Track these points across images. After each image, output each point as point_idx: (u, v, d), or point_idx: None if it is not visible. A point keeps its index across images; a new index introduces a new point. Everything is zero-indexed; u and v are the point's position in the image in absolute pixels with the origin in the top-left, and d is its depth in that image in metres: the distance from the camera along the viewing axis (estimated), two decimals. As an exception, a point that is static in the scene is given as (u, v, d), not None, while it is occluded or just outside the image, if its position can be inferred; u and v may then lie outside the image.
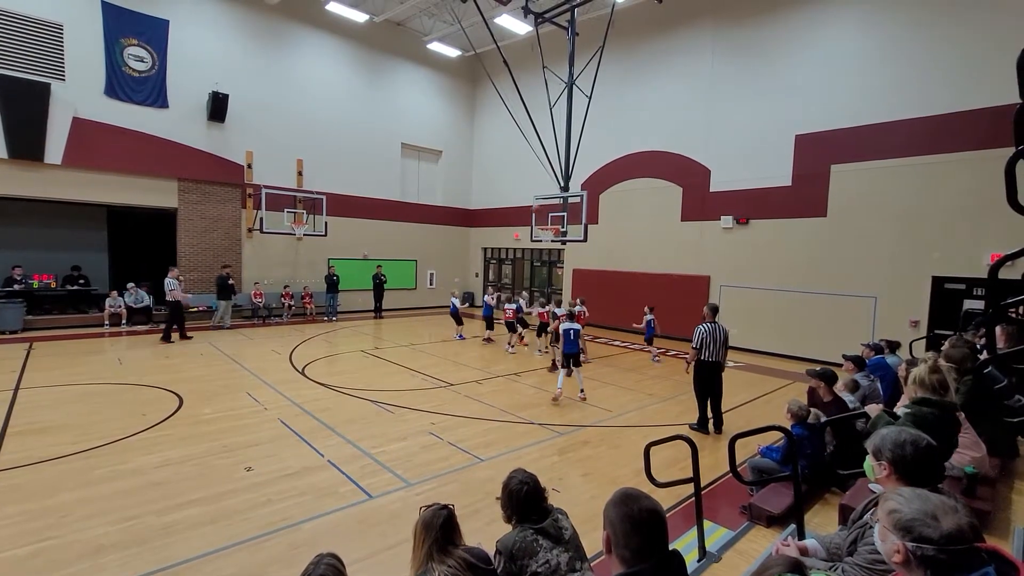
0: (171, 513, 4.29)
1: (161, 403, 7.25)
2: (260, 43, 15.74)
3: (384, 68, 18.71)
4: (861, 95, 11.15)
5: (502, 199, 20.35)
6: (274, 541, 3.95)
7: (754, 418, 7.33)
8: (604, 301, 16.32)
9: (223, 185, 15.28)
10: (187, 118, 14.42)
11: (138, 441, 5.85)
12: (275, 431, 6.34)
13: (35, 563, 3.57)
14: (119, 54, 13.24)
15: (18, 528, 4.00)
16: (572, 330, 8.30)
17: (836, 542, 2.56)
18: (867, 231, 11.08)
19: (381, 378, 9.24)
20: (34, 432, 6.02)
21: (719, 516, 4.51)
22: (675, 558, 1.57)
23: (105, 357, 10.26)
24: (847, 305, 11.35)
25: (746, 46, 13.11)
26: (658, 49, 15.06)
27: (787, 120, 12.25)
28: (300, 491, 4.77)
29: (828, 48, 11.68)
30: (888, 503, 1.59)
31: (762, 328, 12.80)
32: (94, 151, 12.97)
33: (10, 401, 7.11)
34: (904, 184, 10.60)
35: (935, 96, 10.23)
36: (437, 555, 2.12)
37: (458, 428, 6.69)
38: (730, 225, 13.35)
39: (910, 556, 1.47)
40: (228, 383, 8.49)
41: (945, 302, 10.14)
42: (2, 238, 13.51)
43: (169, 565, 3.60)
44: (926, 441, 2.15)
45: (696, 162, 14.11)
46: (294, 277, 16.78)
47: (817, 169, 11.76)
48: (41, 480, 4.83)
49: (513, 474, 2.60)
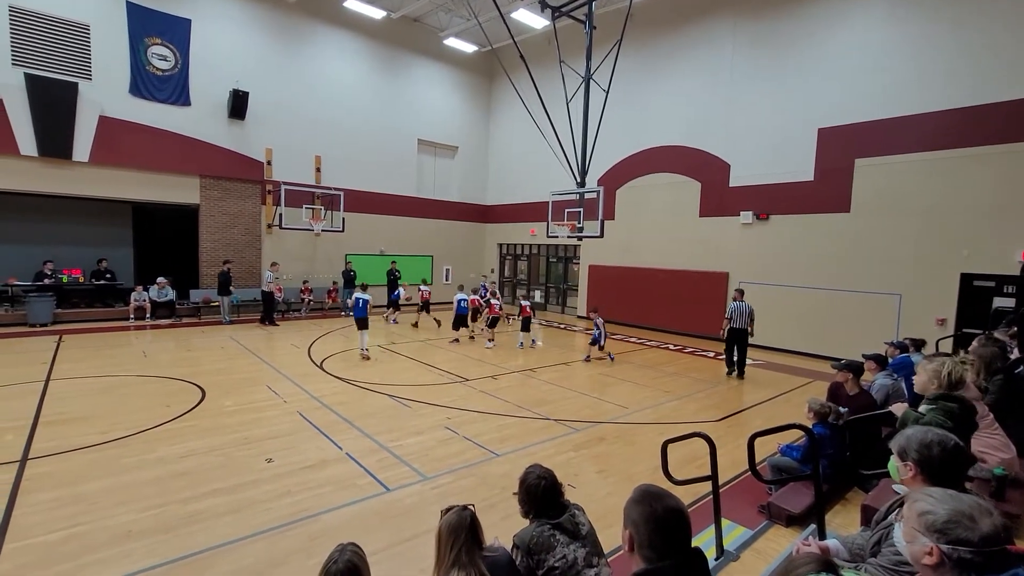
0: (195, 502, 4.39)
1: (184, 395, 7.42)
2: (279, 41, 15.93)
3: (401, 64, 18.78)
4: (886, 87, 10.86)
5: (518, 195, 20.32)
6: (294, 531, 4.02)
7: (774, 416, 7.23)
8: (620, 298, 16.23)
9: (243, 182, 15.53)
10: (208, 116, 14.67)
11: (163, 432, 6.01)
12: (294, 424, 6.44)
13: (68, 548, 3.69)
14: (143, 53, 13.52)
15: (51, 514, 4.14)
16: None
17: (859, 543, 2.52)
18: (892, 227, 10.81)
19: (397, 373, 9.32)
20: (64, 422, 6.22)
21: (737, 515, 4.46)
22: (697, 556, 1.56)
23: (130, 350, 10.52)
24: (871, 303, 11.10)
25: (767, 38, 12.85)
26: (677, 42, 14.84)
27: (809, 113, 11.99)
28: (319, 483, 4.85)
29: (852, 39, 11.39)
30: (918, 504, 1.54)
31: (782, 326, 12.59)
32: (119, 149, 13.28)
33: (41, 392, 7.34)
34: (931, 178, 10.31)
35: (963, 88, 9.90)
36: (466, 558, 2.10)
37: (474, 423, 6.73)
38: (750, 221, 13.15)
39: (945, 559, 1.42)
40: (248, 376, 8.66)
41: (974, 300, 9.86)
42: (34, 233, 13.96)
43: (194, 552, 3.69)
44: (953, 442, 2.10)
45: (715, 156, 13.90)
46: (312, 272, 17.01)
47: (841, 163, 11.50)
48: (71, 468, 4.98)
49: (530, 469, 2.61)
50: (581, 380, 9.39)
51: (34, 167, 12.36)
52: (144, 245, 15.81)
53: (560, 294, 19.77)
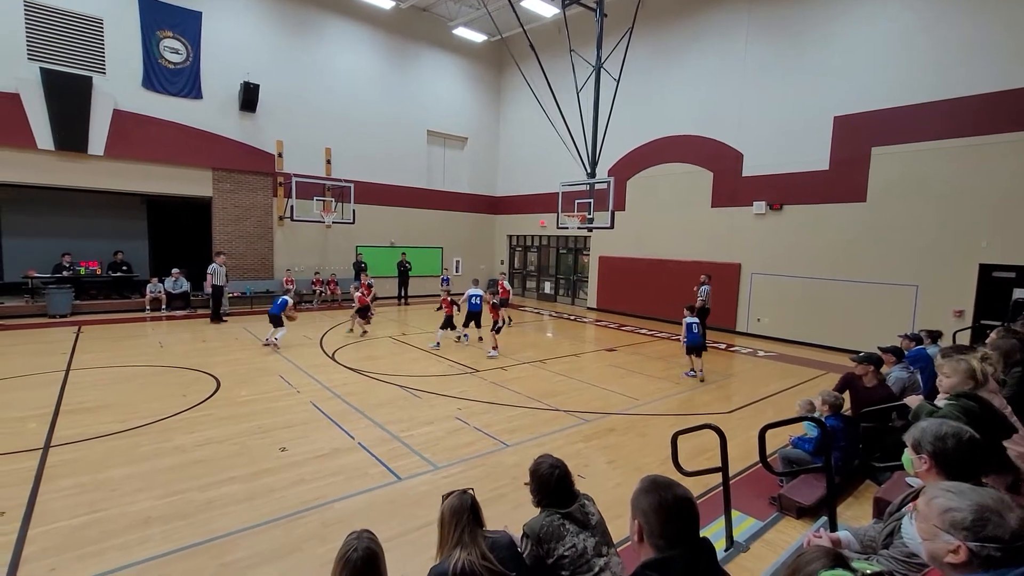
0: (212, 489, 4.49)
1: (200, 385, 7.55)
2: (289, 33, 15.94)
3: (410, 55, 18.71)
4: (904, 74, 10.60)
5: (528, 186, 20.23)
6: (308, 518, 4.09)
7: (785, 408, 7.18)
8: (631, 289, 16.16)
9: (255, 174, 15.63)
10: (220, 108, 14.76)
11: (179, 421, 6.12)
12: (307, 413, 6.53)
13: (89, 533, 3.80)
14: (155, 46, 13.60)
15: (73, 500, 4.25)
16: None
17: (871, 534, 2.50)
18: (909, 217, 10.61)
19: (408, 363, 9.39)
20: (84, 411, 6.36)
21: (747, 506, 4.45)
22: (706, 546, 1.56)
23: (147, 340, 10.71)
24: (887, 294, 10.93)
25: (782, 25, 12.58)
26: (689, 30, 14.60)
27: (825, 101, 11.75)
28: (332, 471, 4.92)
29: (869, 25, 11.12)
30: (938, 501, 1.48)
31: (795, 317, 12.47)
32: (133, 142, 13.43)
33: (62, 381, 7.52)
34: (949, 167, 10.08)
35: (982, 74, 9.63)
36: (468, 538, 2.16)
37: (484, 414, 6.77)
38: (763, 211, 12.98)
39: (972, 557, 1.36)
40: (262, 367, 8.78)
41: (993, 291, 9.67)
42: (51, 227, 14.23)
43: (210, 538, 3.77)
44: (969, 434, 2.07)
45: (728, 146, 13.71)
46: (323, 264, 17.13)
47: (857, 152, 11.28)
48: (92, 456, 5.11)
49: (542, 459, 2.63)
50: (591, 372, 9.39)
51: (51, 161, 12.55)
52: (159, 237, 16.05)
53: (570, 286, 19.73)
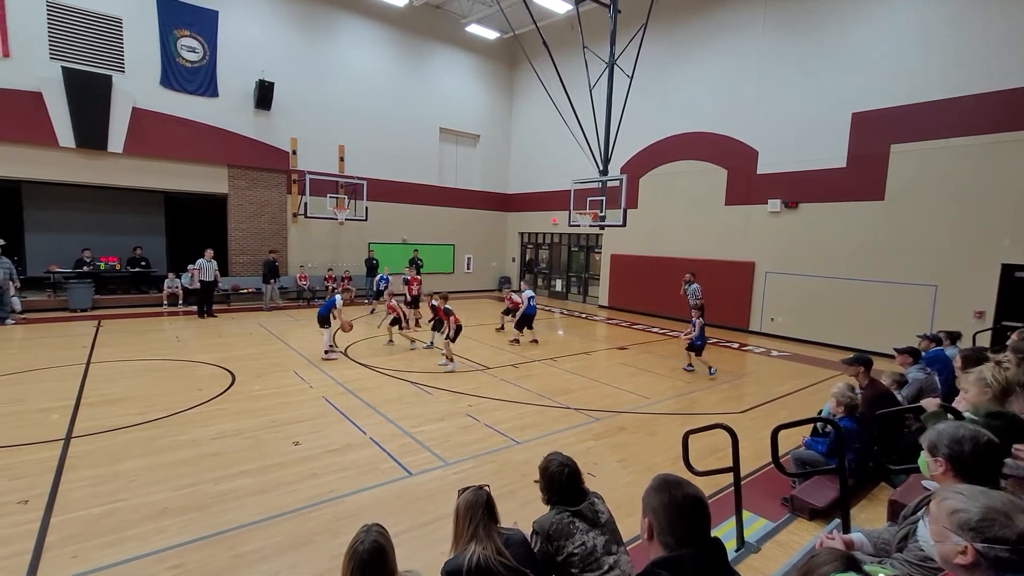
0: (226, 482, 4.56)
1: (215, 379, 7.67)
2: (303, 31, 16.06)
3: (423, 52, 18.75)
4: (924, 70, 10.38)
5: (540, 183, 20.20)
6: (320, 512, 4.14)
7: (799, 409, 7.10)
8: (643, 287, 16.07)
9: (269, 171, 15.80)
10: (235, 106, 14.94)
11: (195, 414, 6.23)
12: (320, 408, 6.61)
13: (108, 522, 3.89)
14: (173, 45, 13.80)
15: (93, 490, 4.35)
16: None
17: (884, 537, 2.47)
18: (929, 215, 10.40)
19: (419, 360, 9.45)
20: (104, 403, 6.50)
21: (759, 507, 4.42)
22: (716, 545, 1.55)
23: (164, 335, 10.91)
24: (905, 294, 10.74)
25: (799, 20, 12.38)
26: (704, 26, 14.44)
27: (842, 98, 11.55)
28: (344, 466, 4.97)
29: (888, 20, 10.89)
30: (948, 502, 1.48)
31: (810, 317, 12.31)
32: (152, 140, 13.65)
33: (83, 374, 7.69)
34: (970, 164, 9.85)
35: (1004, 69, 9.40)
36: (483, 533, 2.18)
37: (494, 411, 6.79)
38: (778, 209, 12.81)
39: (980, 559, 1.37)
40: (276, 362, 8.89)
41: (1015, 291, 9.45)
42: (72, 223, 14.55)
43: (224, 530, 3.84)
44: (987, 437, 2.03)
45: (742, 143, 13.55)
46: (336, 261, 17.28)
47: (875, 149, 11.08)
48: (111, 448, 5.22)
49: (552, 456, 2.63)
50: (602, 370, 9.37)
51: (72, 158, 12.81)
52: (176, 233, 16.29)
53: (582, 283, 19.67)
